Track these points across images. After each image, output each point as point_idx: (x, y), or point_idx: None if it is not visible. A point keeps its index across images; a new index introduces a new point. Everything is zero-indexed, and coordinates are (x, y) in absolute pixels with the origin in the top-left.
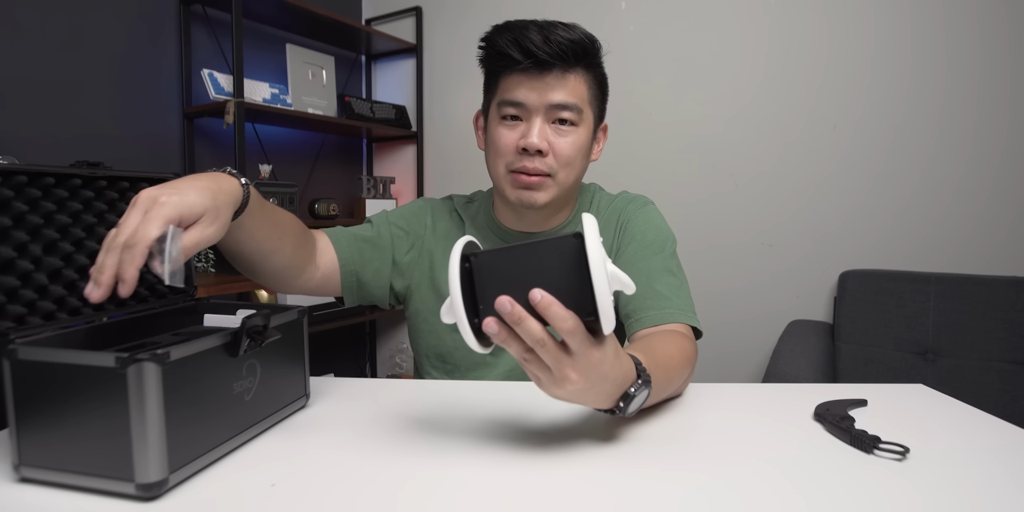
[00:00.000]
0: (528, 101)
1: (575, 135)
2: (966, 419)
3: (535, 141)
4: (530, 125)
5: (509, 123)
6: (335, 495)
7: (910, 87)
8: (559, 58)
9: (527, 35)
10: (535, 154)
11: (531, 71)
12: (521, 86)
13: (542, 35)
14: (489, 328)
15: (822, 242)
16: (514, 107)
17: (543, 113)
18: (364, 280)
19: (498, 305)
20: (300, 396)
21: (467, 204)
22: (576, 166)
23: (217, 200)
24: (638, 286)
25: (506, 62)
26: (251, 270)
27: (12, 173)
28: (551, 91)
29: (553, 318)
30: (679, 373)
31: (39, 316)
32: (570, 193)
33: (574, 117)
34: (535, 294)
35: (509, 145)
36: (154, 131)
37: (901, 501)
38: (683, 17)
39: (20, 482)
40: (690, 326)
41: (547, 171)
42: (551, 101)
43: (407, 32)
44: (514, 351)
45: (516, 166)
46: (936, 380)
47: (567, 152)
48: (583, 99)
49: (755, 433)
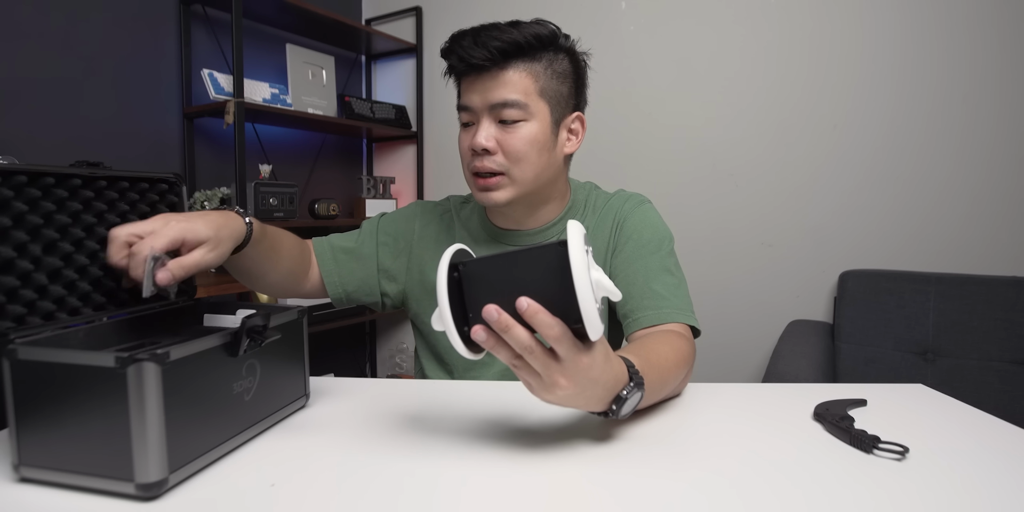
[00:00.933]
0: (472, 104)
1: (525, 129)
2: (966, 419)
3: (480, 140)
4: (478, 126)
5: (466, 128)
6: (335, 495)
7: (910, 87)
8: (488, 59)
9: (461, 42)
10: (483, 153)
11: (470, 75)
12: (467, 91)
13: (473, 38)
14: (477, 336)
15: (822, 242)
16: (466, 112)
17: (487, 113)
18: (349, 290)
19: (485, 313)
20: (300, 396)
21: (463, 204)
22: (531, 160)
23: (220, 233)
24: (635, 286)
25: (454, 71)
26: (252, 284)
27: (12, 173)
28: (488, 92)
29: (540, 326)
30: (675, 374)
31: (39, 316)
32: (539, 188)
33: (518, 114)
34: (521, 302)
35: (465, 148)
36: (154, 131)
37: (901, 501)
38: (683, 17)
39: (20, 482)
40: (688, 325)
41: (498, 169)
42: (491, 101)
43: (407, 32)
44: (503, 358)
45: (472, 167)
46: (936, 380)
47: (516, 147)
48: (527, 93)
49: (755, 433)
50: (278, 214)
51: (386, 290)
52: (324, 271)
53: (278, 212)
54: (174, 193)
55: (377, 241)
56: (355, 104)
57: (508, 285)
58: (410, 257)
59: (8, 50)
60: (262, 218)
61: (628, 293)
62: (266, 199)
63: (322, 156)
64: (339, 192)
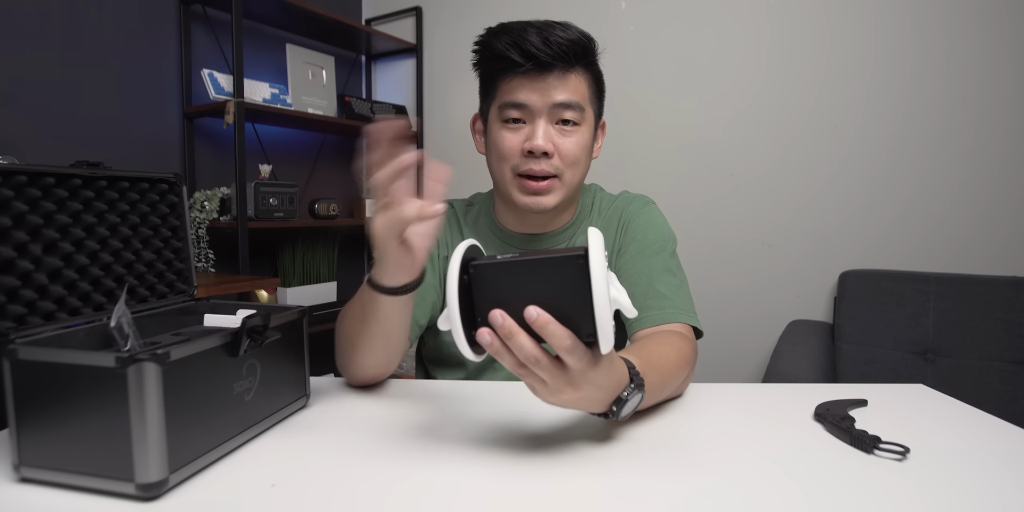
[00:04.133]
0: (531, 102)
1: (579, 134)
2: (966, 419)
3: (540, 143)
4: (534, 127)
5: (512, 126)
6: (335, 495)
7: (910, 87)
8: (560, 58)
9: (526, 37)
10: (541, 156)
11: (532, 73)
12: (523, 88)
13: (541, 36)
14: (482, 338)
15: (822, 242)
16: (517, 109)
17: (546, 114)
18: (423, 323)
19: (490, 318)
20: (300, 396)
21: (467, 208)
22: (581, 165)
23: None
24: (639, 286)
25: (506, 65)
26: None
27: (12, 173)
28: (553, 91)
29: (550, 336)
30: (675, 374)
31: (39, 316)
32: (575, 193)
33: (577, 116)
34: (530, 312)
35: (514, 148)
36: (154, 131)
37: (901, 501)
38: (683, 17)
39: (20, 482)
40: (690, 326)
41: (553, 173)
42: (554, 101)
43: (407, 32)
44: (507, 364)
45: (522, 169)
46: (936, 380)
47: (572, 152)
48: (584, 98)
49: (755, 433)
50: (278, 214)
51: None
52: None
53: (278, 212)
54: (174, 193)
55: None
56: (355, 104)
57: (520, 291)
58: (439, 266)
59: (8, 50)
60: (261, 218)
61: (631, 293)
62: (266, 199)
63: (322, 156)
64: (339, 192)
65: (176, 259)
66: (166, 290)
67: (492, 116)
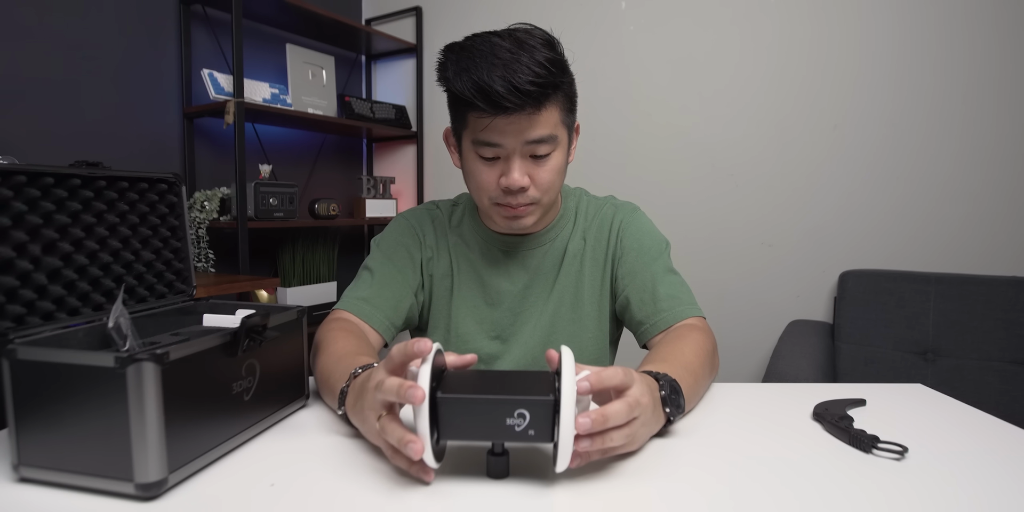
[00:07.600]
0: (504, 142)
1: (554, 159)
2: (965, 419)
3: (516, 179)
4: (509, 164)
5: (487, 161)
6: (335, 495)
7: (910, 87)
8: (529, 102)
9: (491, 85)
10: (518, 191)
11: (501, 114)
12: (494, 130)
13: (505, 82)
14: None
15: (822, 242)
16: (490, 148)
17: (519, 151)
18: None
19: (579, 426)
20: (300, 396)
21: (453, 208)
22: (557, 186)
23: None
24: (646, 292)
25: (471, 107)
26: None
27: (11, 173)
28: (525, 132)
29: (607, 438)
30: (703, 366)
31: (38, 316)
32: (555, 201)
33: (549, 148)
34: (584, 423)
35: (491, 182)
36: (154, 131)
37: (899, 501)
38: (683, 17)
39: (20, 482)
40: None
41: (531, 202)
42: (527, 139)
43: (407, 32)
44: (597, 456)
45: (500, 202)
46: (936, 380)
47: (547, 179)
48: (557, 124)
49: (754, 432)
50: (278, 214)
51: (415, 302)
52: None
53: (278, 212)
54: (173, 193)
55: (395, 267)
56: (355, 104)
57: (487, 419)
58: (423, 268)
59: (8, 50)
60: (261, 218)
61: (640, 300)
62: (266, 199)
63: (322, 156)
64: (339, 192)
65: (175, 259)
66: (165, 290)
67: (466, 145)
